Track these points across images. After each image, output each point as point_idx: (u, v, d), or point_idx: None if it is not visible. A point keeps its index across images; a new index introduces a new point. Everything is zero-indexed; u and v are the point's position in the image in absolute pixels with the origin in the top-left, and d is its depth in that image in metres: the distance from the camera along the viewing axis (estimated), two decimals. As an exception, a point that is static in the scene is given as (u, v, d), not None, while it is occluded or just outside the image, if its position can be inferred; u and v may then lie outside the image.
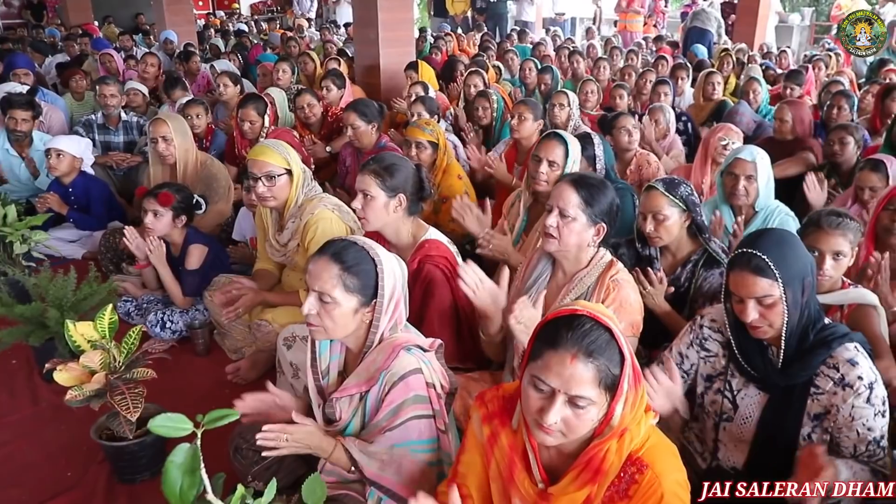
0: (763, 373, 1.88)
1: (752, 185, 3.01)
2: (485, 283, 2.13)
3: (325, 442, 1.79)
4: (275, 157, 2.84)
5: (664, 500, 1.38)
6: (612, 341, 1.38)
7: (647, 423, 1.47)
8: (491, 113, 4.99)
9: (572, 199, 2.15)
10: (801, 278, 1.79)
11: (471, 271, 2.12)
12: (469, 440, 1.65)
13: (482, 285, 2.11)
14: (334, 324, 1.78)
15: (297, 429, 1.75)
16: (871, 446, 1.75)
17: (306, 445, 1.77)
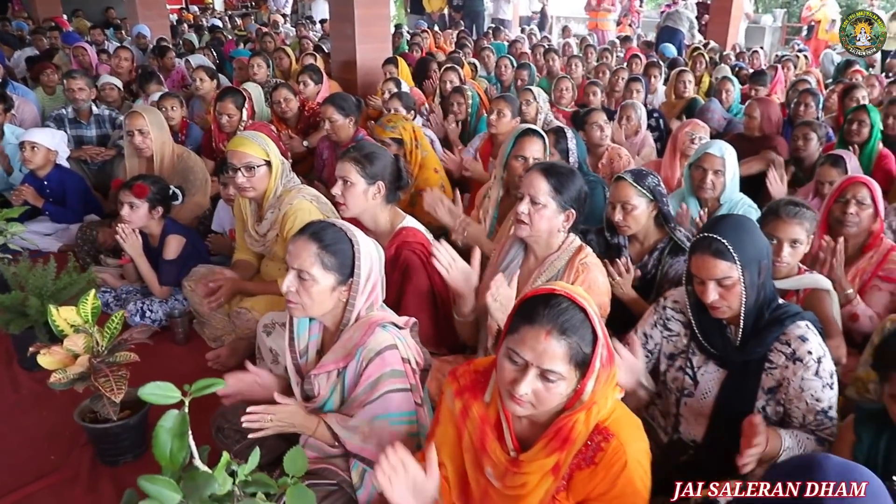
0: (722, 350, 1.99)
1: (720, 179, 3.13)
2: (457, 262, 2.23)
3: (308, 420, 1.86)
4: (254, 149, 2.89)
5: (627, 466, 1.47)
6: (586, 321, 1.46)
7: (614, 397, 1.57)
8: (466, 108, 5.07)
9: (543, 187, 2.24)
10: (758, 261, 1.90)
11: (444, 250, 2.22)
12: (443, 414, 1.73)
13: (455, 264, 2.21)
14: (312, 301, 1.86)
15: (280, 409, 1.82)
16: (818, 416, 1.86)
17: (290, 424, 1.84)
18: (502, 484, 1.57)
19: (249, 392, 1.98)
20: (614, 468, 1.47)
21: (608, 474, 1.47)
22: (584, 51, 9.10)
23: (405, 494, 1.50)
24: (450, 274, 2.20)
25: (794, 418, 1.90)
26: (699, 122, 3.98)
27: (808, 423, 1.88)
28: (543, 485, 1.52)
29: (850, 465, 1.15)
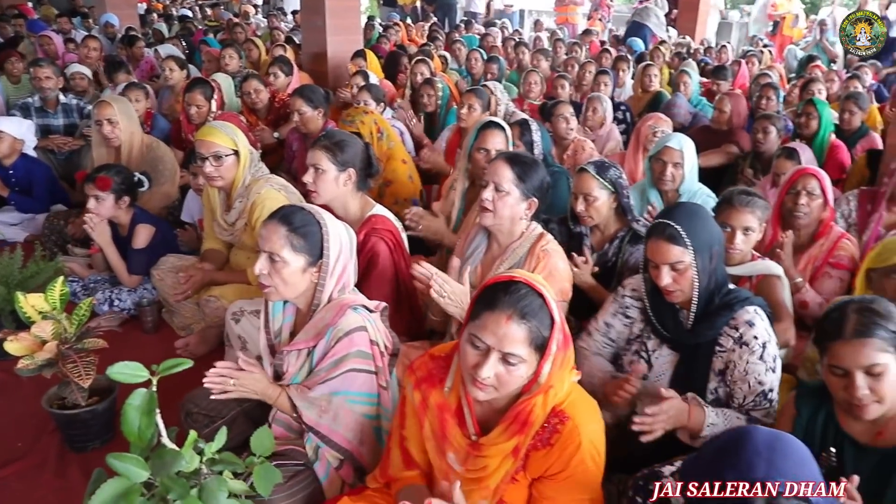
0: (674, 333, 2.08)
1: (679, 171, 3.22)
2: (449, 283, 2.22)
3: (270, 388, 1.92)
4: (222, 138, 2.92)
5: (581, 447, 1.54)
6: (545, 307, 1.52)
7: (570, 380, 1.64)
8: (436, 100, 5.12)
9: (506, 175, 2.31)
10: (710, 247, 1.99)
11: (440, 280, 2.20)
12: (406, 407, 1.78)
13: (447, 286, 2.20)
14: (284, 283, 1.92)
15: (244, 374, 1.88)
16: (758, 397, 1.96)
17: (252, 390, 1.90)
18: (464, 468, 1.63)
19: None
20: (569, 449, 1.54)
21: (563, 455, 1.54)
22: (553, 45, 9.19)
23: None
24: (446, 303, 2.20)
25: (736, 398, 1.99)
26: (661, 116, 4.08)
27: (746, 404, 1.97)
28: (504, 466, 1.59)
29: (778, 434, 1.23)
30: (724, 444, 1.22)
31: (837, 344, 1.62)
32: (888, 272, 2.11)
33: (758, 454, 1.16)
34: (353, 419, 1.93)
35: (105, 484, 1.40)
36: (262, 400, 1.95)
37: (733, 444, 1.20)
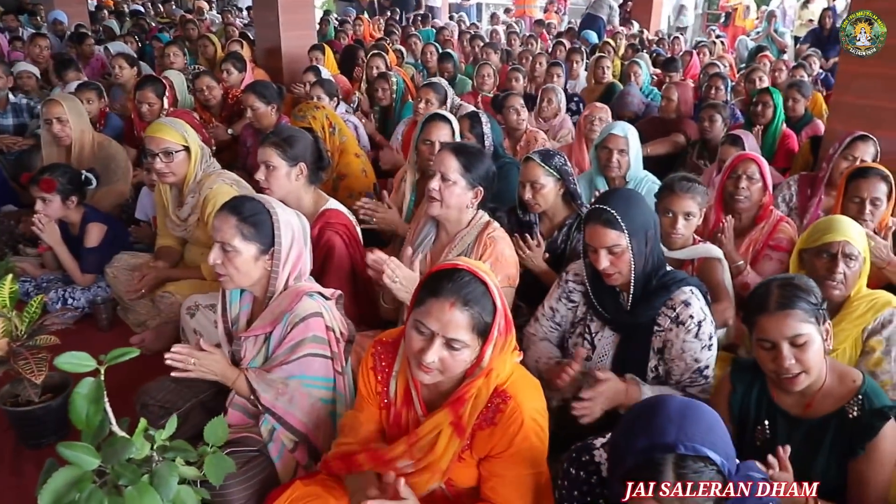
0: (615, 315, 2.16)
1: (624, 157, 3.31)
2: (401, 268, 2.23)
3: (229, 370, 1.96)
4: (172, 134, 2.93)
5: (524, 425, 1.60)
6: (487, 293, 1.58)
7: (512, 361, 1.70)
8: (391, 94, 5.16)
9: (452, 165, 2.36)
10: (645, 231, 2.07)
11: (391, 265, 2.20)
12: (361, 388, 1.83)
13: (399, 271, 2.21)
14: (238, 271, 1.96)
15: (204, 355, 1.91)
16: (694, 374, 2.05)
17: (212, 371, 1.93)
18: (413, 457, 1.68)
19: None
20: (511, 427, 1.60)
21: (506, 433, 1.60)
22: (507, 38, 9.28)
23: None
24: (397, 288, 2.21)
25: (673, 375, 2.08)
26: (598, 106, 4.18)
27: (683, 381, 2.06)
28: (451, 447, 1.64)
29: (689, 402, 1.32)
30: (641, 412, 1.30)
31: (763, 317, 1.71)
32: (818, 252, 2.21)
33: (670, 420, 1.24)
34: (309, 403, 1.98)
35: (57, 473, 1.43)
36: (220, 386, 1.99)
37: (649, 412, 1.28)
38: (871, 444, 1.68)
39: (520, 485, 1.62)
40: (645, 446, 1.23)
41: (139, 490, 1.48)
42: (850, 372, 1.79)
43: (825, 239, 2.18)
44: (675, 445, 1.20)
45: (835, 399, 1.76)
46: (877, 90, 3.52)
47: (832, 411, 1.75)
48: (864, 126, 3.45)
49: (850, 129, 3.44)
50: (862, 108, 3.57)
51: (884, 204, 2.77)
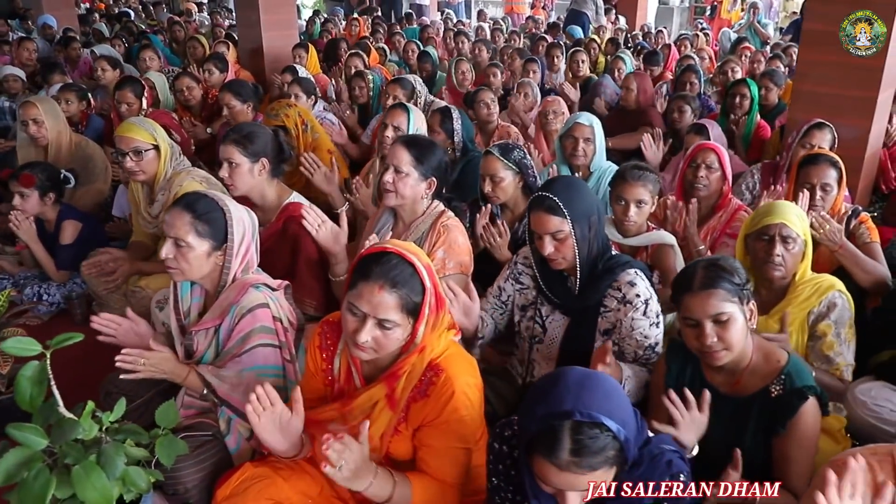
0: (563, 299, 2.23)
1: (590, 146, 3.39)
2: (326, 223, 2.43)
3: (178, 368, 2.02)
4: (141, 133, 2.99)
5: (454, 396, 1.67)
6: (415, 274, 1.65)
7: (448, 339, 1.77)
8: (367, 92, 5.24)
9: (405, 158, 2.44)
10: (587, 217, 2.13)
11: (313, 213, 2.41)
12: (309, 365, 1.91)
13: (324, 225, 2.41)
14: (189, 265, 2.03)
15: (153, 354, 1.97)
16: (647, 351, 2.13)
17: (161, 370, 1.99)
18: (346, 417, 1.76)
19: (125, 338, 2.11)
20: (442, 398, 1.67)
21: (437, 404, 1.68)
22: (492, 34, 9.34)
23: (272, 430, 1.68)
24: (319, 234, 2.39)
25: (626, 354, 2.15)
26: (550, 99, 4.29)
27: (638, 358, 2.14)
28: (384, 417, 1.72)
29: (589, 373, 1.39)
30: (543, 383, 1.37)
31: (687, 296, 1.78)
32: (758, 235, 2.28)
33: (567, 390, 1.31)
34: None
35: (7, 453, 1.50)
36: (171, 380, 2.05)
37: (550, 383, 1.35)
38: (792, 423, 1.75)
39: (448, 456, 1.69)
40: (544, 414, 1.30)
41: (85, 469, 1.55)
42: (775, 352, 1.86)
43: (764, 222, 2.25)
44: (572, 413, 1.27)
45: (760, 378, 1.83)
46: (835, 79, 3.60)
47: (757, 390, 1.82)
48: (824, 114, 3.52)
49: (810, 118, 3.51)
50: (821, 96, 3.65)
51: (834, 189, 2.84)
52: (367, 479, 1.59)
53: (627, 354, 2.16)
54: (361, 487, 1.60)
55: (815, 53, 3.65)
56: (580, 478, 1.28)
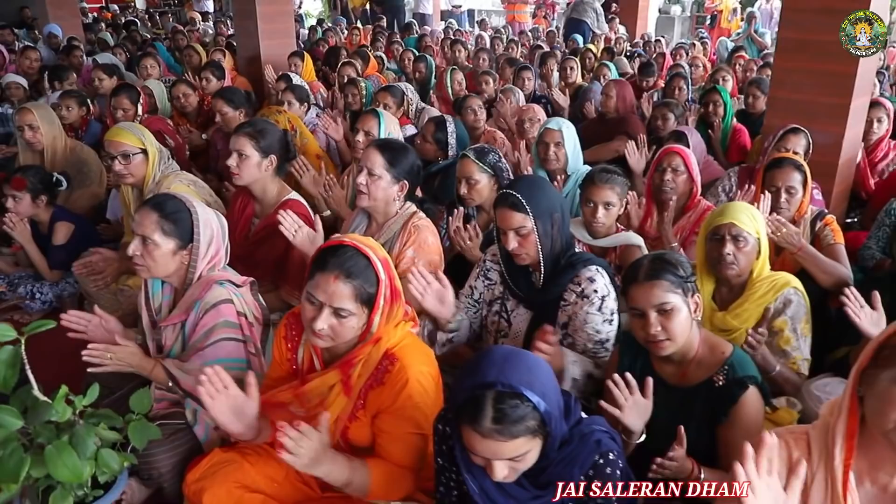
0: (527, 293, 2.32)
1: (561, 150, 3.48)
2: (303, 228, 2.52)
3: (145, 361, 2.11)
4: (129, 138, 3.11)
5: (408, 384, 1.76)
6: (370, 266, 1.75)
7: (405, 330, 1.87)
8: (360, 99, 5.34)
9: (377, 161, 2.54)
10: (550, 214, 2.22)
11: (289, 218, 2.51)
12: (275, 355, 2.01)
13: (300, 230, 2.51)
14: (155, 263, 2.12)
15: (119, 349, 2.06)
16: (596, 345, 2.21)
17: (128, 364, 2.08)
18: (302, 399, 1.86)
19: (95, 334, 2.19)
20: (397, 386, 1.76)
21: (392, 391, 1.77)
22: (492, 42, 9.46)
23: (226, 412, 1.76)
24: (295, 239, 2.48)
25: (577, 346, 2.24)
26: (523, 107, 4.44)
27: (587, 351, 2.22)
28: (339, 403, 1.82)
29: (515, 350, 1.48)
30: (472, 360, 1.46)
31: (633, 287, 1.87)
32: (711, 235, 2.36)
33: (492, 364, 1.40)
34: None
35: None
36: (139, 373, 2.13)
37: (477, 359, 1.44)
38: (733, 411, 1.83)
39: (403, 441, 1.78)
40: (469, 385, 1.40)
41: (58, 448, 1.65)
42: (720, 343, 1.94)
43: (715, 222, 2.34)
44: (494, 384, 1.36)
45: (705, 369, 1.91)
46: (810, 85, 3.67)
47: (702, 380, 1.90)
48: (800, 120, 3.59)
49: (786, 123, 3.60)
50: (797, 102, 3.73)
51: (799, 192, 2.92)
52: (325, 465, 1.68)
53: (578, 347, 2.24)
54: (320, 473, 1.69)
55: (790, 61, 3.73)
56: (502, 445, 1.37)
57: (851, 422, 1.32)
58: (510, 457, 1.39)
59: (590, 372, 2.16)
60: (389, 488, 1.80)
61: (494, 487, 1.51)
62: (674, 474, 1.76)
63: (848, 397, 1.33)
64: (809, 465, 1.36)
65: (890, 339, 1.28)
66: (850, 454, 1.31)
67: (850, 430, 1.32)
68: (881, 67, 7.01)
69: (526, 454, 1.40)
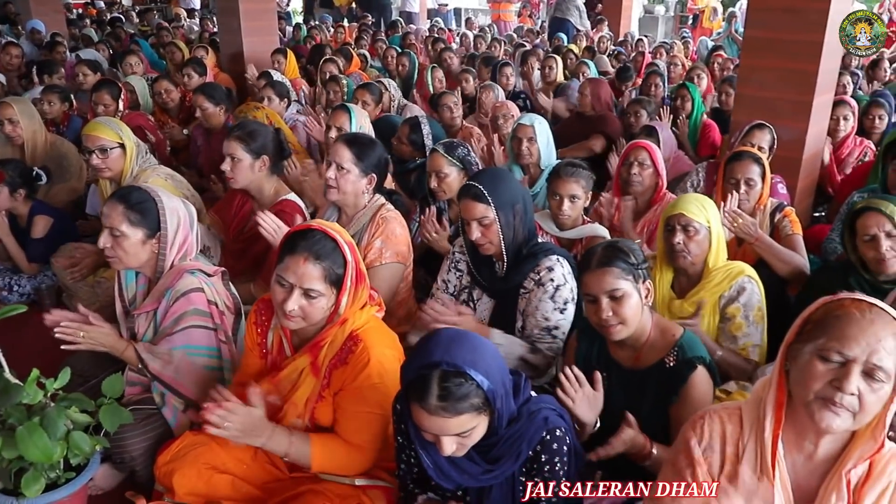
0: (490, 282, 2.40)
1: (534, 145, 3.57)
2: (282, 227, 2.57)
3: (118, 342, 2.17)
4: (107, 132, 3.16)
5: (369, 364, 1.84)
6: (337, 249, 1.83)
7: (370, 313, 1.94)
8: (342, 96, 5.41)
9: (346, 155, 2.61)
10: (512, 205, 2.30)
11: (268, 219, 2.56)
12: (247, 340, 2.08)
13: (279, 230, 2.55)
14: (125, 253, 2.19)
15: (93, 328, 2.11)
16: (543, 332, 2.30)
17: (101, 343, 2.13)
18: (278, 386, 1.93)
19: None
20: (359, 365, 1.84)
21: (354, 370, 1.84)
22: (474, 41, 9.54)
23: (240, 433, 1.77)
24: (275, 237, 2.52)
25: (526, 329, 2.33)
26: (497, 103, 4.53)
27: (533, 335, 2.30)
28: (308, 384, 1.89)
29: (462, 332, 1.56)
30: (422, 341, 1.54)
31: (586, 274, 1.95)
32: (665, 227, 2.45)
33: (438, 345, 1.48)
34: (195, 370, 2.19)
35: (-43, 415, 1.66)
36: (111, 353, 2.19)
37: (425, 341, 1.52)
38: (683, 390, 1.91)
39: (358, 419, 1.85)
40: (417, 365, 1.48)
41: (28, 429, 1.71)
42: (671, 327, 2.03)
43: (666, 214, 2.44)
44: (440, 363, 1.44)
45: (657, 351, 1.99)
46: (774, 83, 3.77)
47: (654, 362, 1.98)
48: (765, 116, 3.69)
49: (751, 119, 3.69)
50: (762, 99, 3.82)
51: (758, 184, 3.00)
52: (260, 436, 1.78)
53: (527, 329, 2.33)
54: (257, 444, 1.80)
55: (756, 59, 3.82)
56: (448, 422, 1.44)
57: (780, 394, 1.41)
58: (456, 432, 1.47)
59: (521, 356, 2.24)
60: (335, 463, 1.88)
61: (447, 463, 1.58)
62: (628, 451, 1.84)
63: (776, 372, 1.42)
64: (741, 438, 1.44)
65: (813, 315, 1.36)
66: (778, 425, 1.40)
67: (779, 401, 1.40)
68: (855, 67, 7.17)
69: (472, 430, 1.48)
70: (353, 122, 3.44)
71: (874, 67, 6.86)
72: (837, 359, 1.29)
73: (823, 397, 1.29)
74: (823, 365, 1.30)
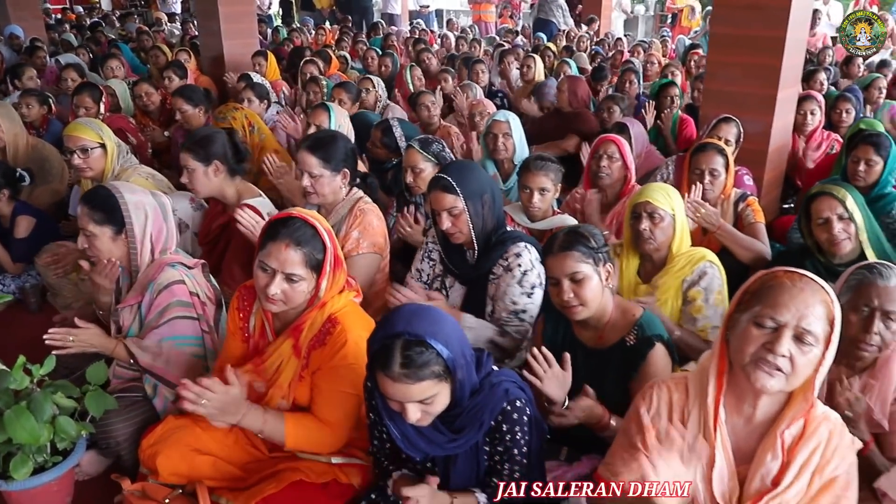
0: (461, 269, 2.50)
1: (509, 140, 3.67)
2: (259, 223, 2.64)
3: (106, 341, 2.24)
4: (88, 133, 3.23)
5: (346, 345, 1.92)
6: (317, 235, 1.92)
7: (348, 298, 2.03)
8: (321, 96, 5.48)
9: (313, 162, 2.69)
10: (480, 195, 2.40)
11: (246, 215, 2.64)
12: (229, 325, 2.16)
13: (258, 225, 2.62)
14: (100, 251, 2.28)
15: (81, 331, 2.19)
16: (510, 315, 2.39)
17: (90, 344, 2.21)
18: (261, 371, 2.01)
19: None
20: (336, 346, 1.93)
21: (331, 350, 1.93)
22: (456, 42, 9.64)
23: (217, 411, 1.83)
24: (254, 233, 2.59)
25: (495, 313, 2.42)
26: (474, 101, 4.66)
27: (502, 318, 2.40)
28: (290, 366, 1.98)
29: (425, 306, 1.66)
30: (386, 315, 1.63)
31: (549, 258, 2.05)
32: (631, 215, 2.56)
33: (401, 318, 1.57)
34: (184, 360, 2.27)
35: (-54, 400, 1.73)
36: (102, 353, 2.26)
37: (390, 314, 1.62)
38: (643, 367, 2.01)
39: (333, 399, 1.94)
40: (381, 336, 1.57)
41: (16, 413, 1.80)
42: (631, 307, 2.13)
43: (633, 201, 2.54)
44: (402, 333, 1.53)
45: (618, 331, 2.09)
46: (740, 78, 3.89)
47: (616, 341, 2.08)
48: (732, 110, 3.81)
49: (718, 113, 3.82)
50: (729, 94, 3.94)
51: (722, 174, 3.12)
52: (236, 414, 1.86)
53: (496, 313, 2.42)
54: (233, 420, 1.87)
55: (723, 55, 3.94)
56: (411, 388, 1.54)
57: (721, 363, 1.51)
58: (419, 399, 1.56)
59: (491, 338, 2.34)
60: (308, 440, 1.96)
61: (415, 433, 1.67)
62: (587, 422, 1.94)
63: (718, 342, 1.52)
64: (686, 405, 1.55)
65: (750, 286, 1.47)
66: (720, 391, 1.50)
67: (721, 369, 1.51)
68: (829, 63, 7.33)
69: (434, 397, 1.57)
70: (333, 121, 3.52)
71: (847, 64, 7.02)
72: (770, 324, 1.39)
73: (758, 359, 1.40)
74: (758, 330, 1.41)
